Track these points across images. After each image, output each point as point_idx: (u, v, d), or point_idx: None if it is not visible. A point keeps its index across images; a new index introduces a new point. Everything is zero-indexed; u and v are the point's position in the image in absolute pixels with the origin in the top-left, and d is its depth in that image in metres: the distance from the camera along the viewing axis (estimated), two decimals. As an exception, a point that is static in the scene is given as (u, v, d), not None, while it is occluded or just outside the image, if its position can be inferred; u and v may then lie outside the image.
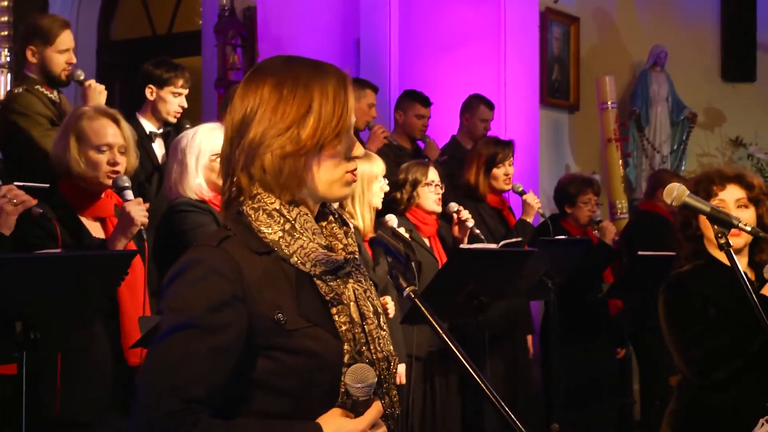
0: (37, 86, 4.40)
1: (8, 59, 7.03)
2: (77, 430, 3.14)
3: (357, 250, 1.88)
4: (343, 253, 1.83)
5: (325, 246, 1.79)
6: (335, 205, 1.93)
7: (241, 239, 1.75)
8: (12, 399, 2.71)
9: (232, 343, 1.68)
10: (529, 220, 5.51)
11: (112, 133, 3.30)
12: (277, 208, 1.76)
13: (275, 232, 1.75)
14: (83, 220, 3.29)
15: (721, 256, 3.12)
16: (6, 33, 7.20)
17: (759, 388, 3.04)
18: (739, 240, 3.10)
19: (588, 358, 5.73)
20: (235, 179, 1.78)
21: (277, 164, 1.75)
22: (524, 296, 5.07)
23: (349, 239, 1.87)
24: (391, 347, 1.86)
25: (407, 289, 1.78)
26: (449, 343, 1.73)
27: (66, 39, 4.42)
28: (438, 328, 1.75)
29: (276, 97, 1.75)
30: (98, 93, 4.37)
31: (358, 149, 1.83)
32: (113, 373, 3.20)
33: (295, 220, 1.77)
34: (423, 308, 1.76)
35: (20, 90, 4.41)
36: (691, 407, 3.17)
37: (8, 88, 7.03)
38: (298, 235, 1.76)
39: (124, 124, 3.38)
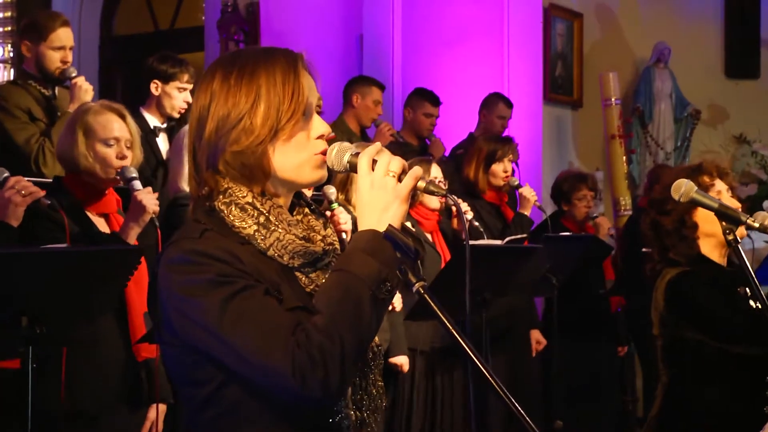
0: (31, 81, 4.33)
1: (11, 54, 7.04)
2: (85, 423, 3.16)
3: (336, 240, 1.84)
4: (322, 245, 1.79)
5: (303, 237, 1.76)
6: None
7: (221, 232, 1.70)
8: (16, 393, 2.70)
9: (260, 287, 1.66)
10: (527, 213, 5.48)
11: (119, 127, 3.30)
12: (250, 201, 1.72)
13: (250, 226, 1.71)
14: (88, 215, 3.29)
15: (714, 255, 3.13)
16: (8, 29, 7.20)
17: (746, 388, 3.01)
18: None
19: (589, 355, 5.72)
20: (202, 176, 1.74)
21: (238, 157, 1.71)
22: (528, 293, 5.05)
23: (328, 230, 1.84)
24: (375, 337, 1.81)
25: (417, 284, 1.74)
26: (459, 339, 1.71)
27: (62, 36, 4.31)
28: (448, 324, 1.72)
29: (225, 90, 1.72)
30: (84, 92, 4.26)
31: (321, 128, 1.78)
32: (122, 368, 3.22)
33: (269, 212, 1.73)
34: (433, 304, 1.74)
35: (4, 83, 4.37)
36: (675, 408, 3.12)
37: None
38: (273, 228, 1.73)
39: (129, 119, 3.38)
